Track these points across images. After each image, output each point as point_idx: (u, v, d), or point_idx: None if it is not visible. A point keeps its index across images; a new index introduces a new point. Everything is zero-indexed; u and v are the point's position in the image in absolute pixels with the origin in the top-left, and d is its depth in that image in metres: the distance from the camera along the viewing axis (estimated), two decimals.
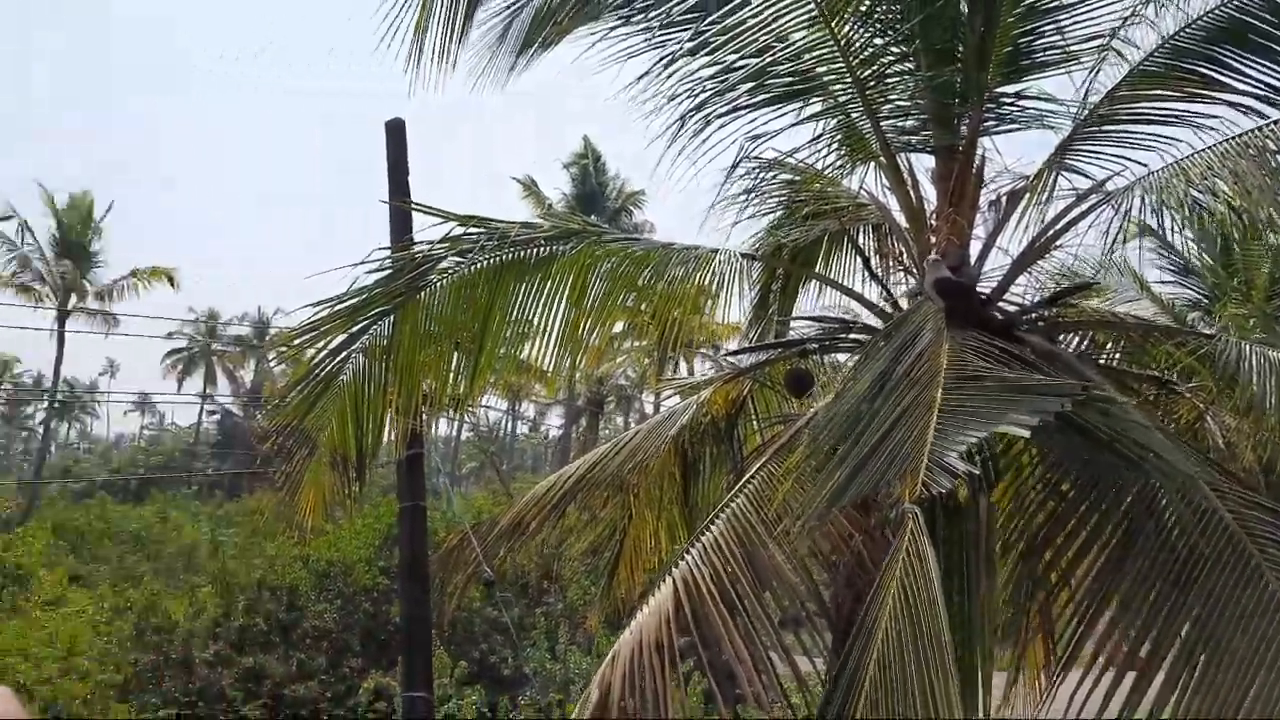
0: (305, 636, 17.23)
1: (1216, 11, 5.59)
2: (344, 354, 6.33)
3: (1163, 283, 13.91)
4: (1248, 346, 5.79)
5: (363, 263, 6.21)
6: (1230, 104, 5.42)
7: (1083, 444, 4.01)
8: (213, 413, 69.98)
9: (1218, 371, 5.65)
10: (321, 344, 6.30)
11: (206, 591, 18.52)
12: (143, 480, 51.77)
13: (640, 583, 7.67)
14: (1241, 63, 5.52)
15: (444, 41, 6.03)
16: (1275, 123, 4.93)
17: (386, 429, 6.70)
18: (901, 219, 5.81)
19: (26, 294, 45.14)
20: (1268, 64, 5.46)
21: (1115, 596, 4.08)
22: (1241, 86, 5.47)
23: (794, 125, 5.99)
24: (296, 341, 6.48)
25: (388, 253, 6.61)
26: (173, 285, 47.49)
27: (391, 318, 6.25)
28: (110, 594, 20.30)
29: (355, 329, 6.26)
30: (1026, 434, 3.34)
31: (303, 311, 6.18)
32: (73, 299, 46.66)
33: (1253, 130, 4.95)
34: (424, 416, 7.40)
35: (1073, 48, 5.57)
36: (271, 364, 66.61)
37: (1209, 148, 5.07)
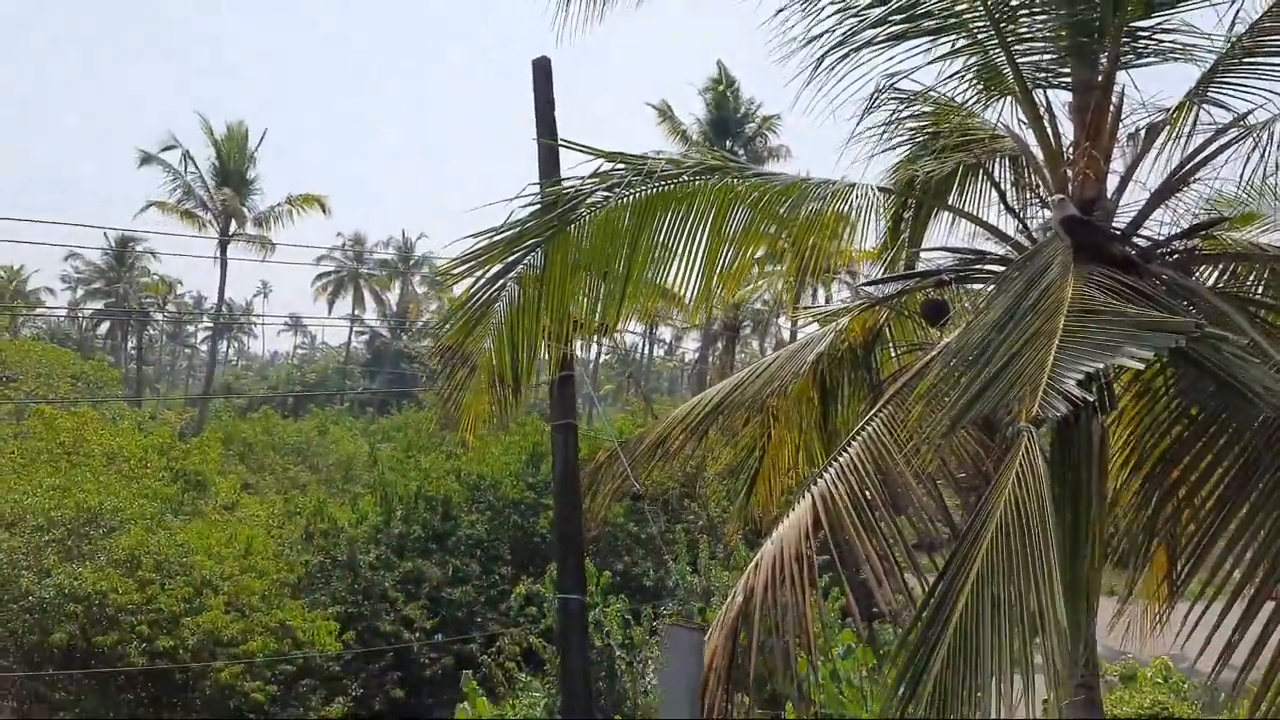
0: (459, 545, 18.40)
1: None
2: (501, 282, 6.82)
3: None
4: None
5: (518, 197, 6.69)
6: None
7: (1198, 376, 4.19)
8: (361, 333, 73.09)
9: None
10: (480, 273, 6.81)
11: (368, 499, 19.89)
12: (300, 396, 54.77)
13: (777, 500, 8.10)
14: None
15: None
16: None
17: (539, 352, 7.20)
18: (1038, 153, 5.92)
19: (191, 220, 47.97)
20: None
21: (1234, 520, 4.29)
22: None
23: (932, 63, 6.14)
24: (458, 270, 6.99)
25: (540, 189, 7.08)
26: (324, 211, 49.66)
27: (544, 249, 6.68)
28: (280, 500, 21.95)
29: (511, 259, 6.74)
30: (1140, 366, 3.56)
31: (461, 243, 6.71)
32: (232, 225, 49.31)
33: None
34: (574, 341, 7.91)
35: None
36: (418, 288, 69.06)
37: None
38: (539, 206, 6.75)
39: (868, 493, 4.63)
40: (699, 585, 14.54)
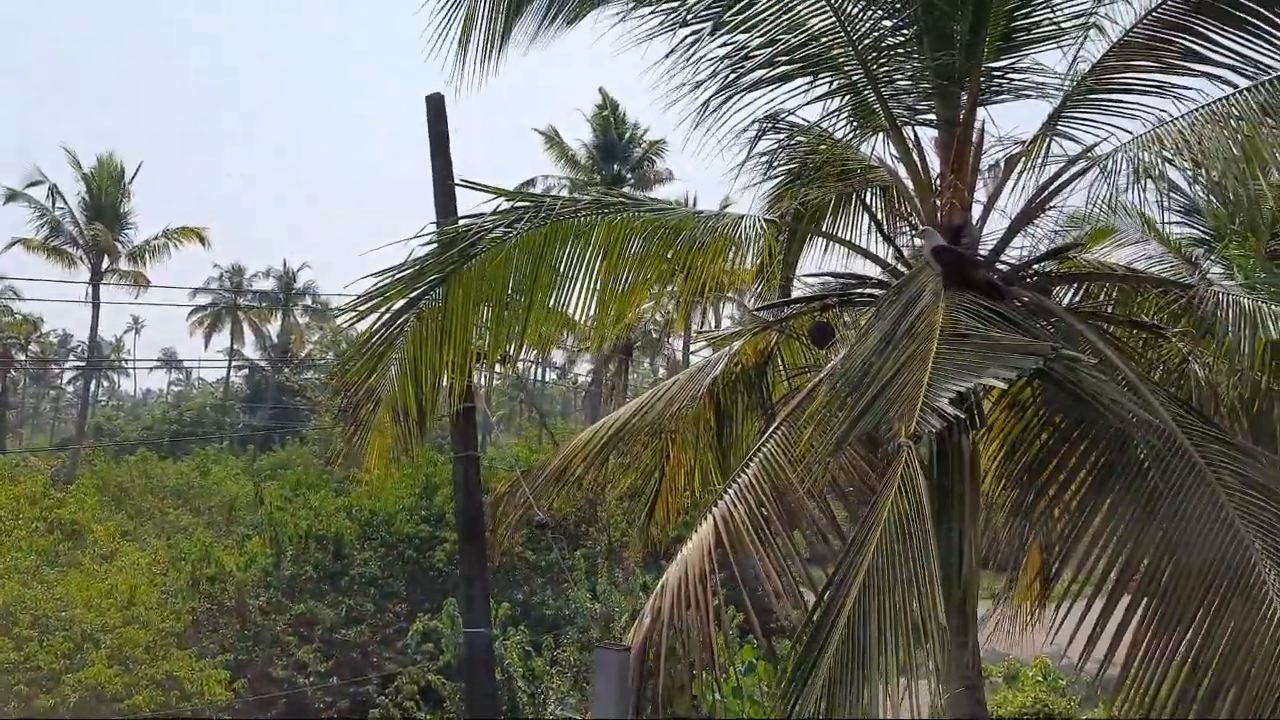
0: (353, 583, 18.09)
1: None
2: (403, 318, 6.93)
3: (1169, 223, 14.28)
4: (1225, 295, 6.33)
5: (417, 236, 6.84)
6: (1205, 74, 5.93)
7: (1057, 390, 4.62)
8: (241, 367, 70.87)
9: (1199, 318, 6.20)
10: (382, 310, 6.91)
11: (256, 541, 19.38)
12: (176, 436, 52.79)
13: (675, 522, 8.35)
14: (1217, 33, 5.99)
15: (486, 46, 6.53)
16: (1240, 91, 5.41)
17: (442, 385, 7.31)
18: (910, 184, 6.36)
19: (59, 257, 45.95)
20: (1240, 34, 5.94)
21: (1094, 522, 4.72)
22: (1215, 57, 5.97)
23: (811, 101, 6.56)
24: (361, 308, 7.06)
25: (438, 226, 7.22)
26: (203, 243, 48.24)
27: (444, 285, 6.82)
28: (162, 546, 21.16)
29: (413, 295, 6.86)
30: (1004, 386, 3.95)
31: (362, 282, 6.78)
32: (105, 261, 47.43)
33: (1219, 100, 5.43)
34: (475, 373, 8.03)
35: (1062, 24, 6.09)
36: (300, 319, 67.42)
37: (1182, 115, 5.57)
38: (437, 245, 6.89)
39: (765, 511, 4.91)
40: (599, 612, 14.68)
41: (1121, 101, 6.22)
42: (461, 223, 7.03)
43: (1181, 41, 6.06)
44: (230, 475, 36.08)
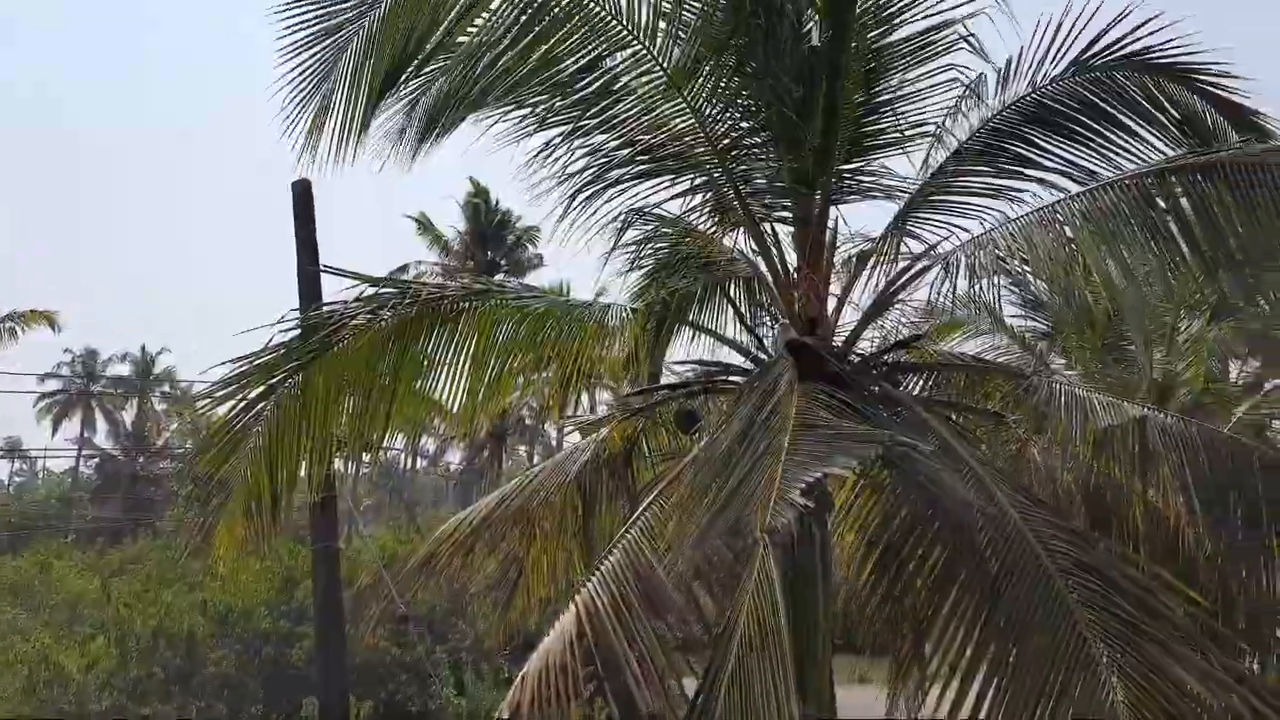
0: (205, 685, 17.16)
1: (1027, 98, 6.60)
2: (261, 406, 6.75)
3: (1016, 317, 15.18)
4: (1059, 384, 6.77)
5: (279, 322, 6.71)
6: (1037, 180, 6.43)
7: (904, 475, 4.84)
8: (91, 456, 67.37)
9: (1036, 406, 6.60)
10: (240, 397, 6.72)
11: (100, 642, 18.24)
12: (16, 530, 49.52)
13: (538, 612, 8.25)
14: (1047, 142, 6.54)
15: (341, 139, 6.57)
16: (1070, 197, 5.88)
17: (300, 474, 7.13)
18: (769, 276, 6.63)
19: None
20: (1068, 143, 6.49)
21: (945, 605, 4.91)
22: (1045, 163, 6.50)
23: (676, 198, 6.84)
24: (218, 394, 6.86)
25: (301, 312, 7.12)
26: (54, 328, 45.92)
27: (306, 371, 6.70)
28: None
29: (272, 382, 6.71)
30: (850, 475, 4.12)
31: (210, 368, 6.62)
32: None
33: (1048, 205, 5.89)
34: (336, 463, 7.85)
35: (905, 132, 6.53)
36: (158, 405, 64.63)
37: (1014, 219, 6.01)
38: (300, 331, 6.78)
39: (629, 600, 4.92)
40: (465, 708, 14.27)
41: (961, 204, 6.65)
42: (325, 309, 6.95)
43: (1015, 149, 6.56)
44: (74, 571, 33.98)
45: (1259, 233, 4.90)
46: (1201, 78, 6.42)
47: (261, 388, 6.70)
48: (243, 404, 6.71)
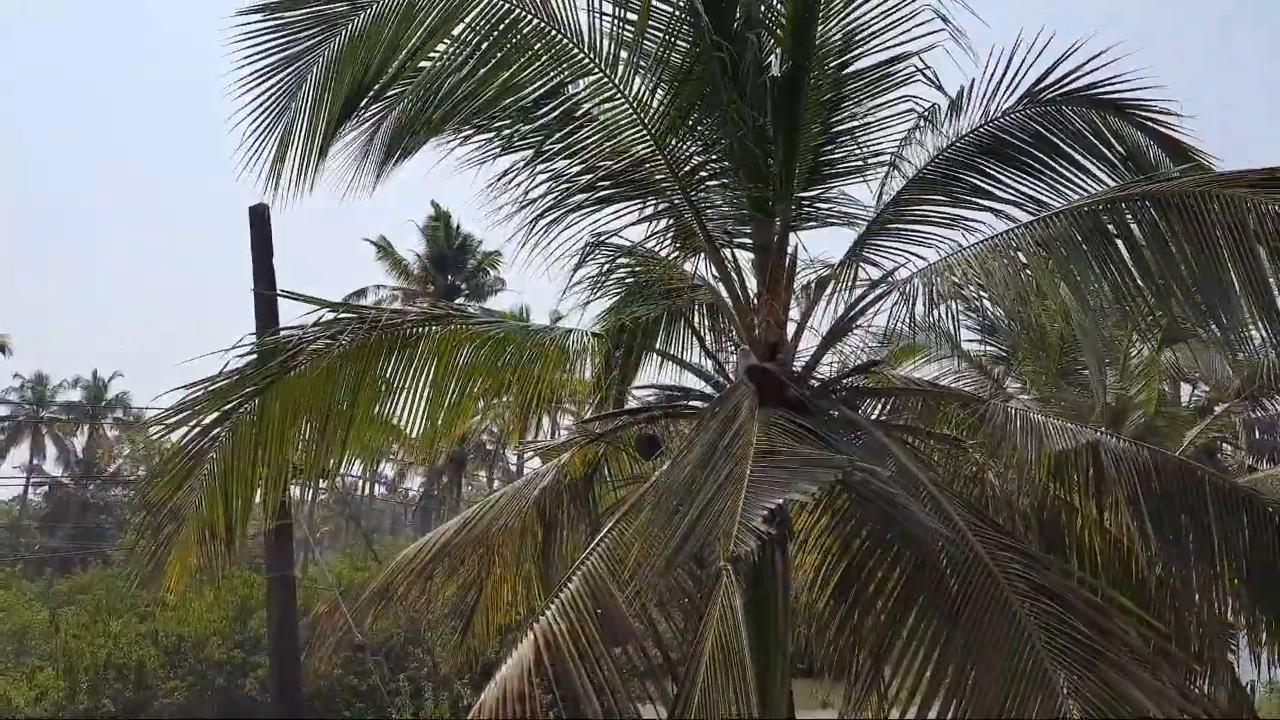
0: (156, 716, 16.82)
1: (980, 129, 6.75)
2: (215, 432, 6.66)
3: (972, 342, 15.40)
4: (1015, 409, 6.86)
5: (235, 347, 6.63)
6: (990, 209, 6.56)
7: (864, 499, 4.88)
8: (40, 484, 65.95)
9: (992, 431, 6.68)
10: (194, 423, 6.62)
11: (48, 673, 17.82)
12: None
13: (495, 639, 8.18)
14: (1000, 173, 6.68)
15: (302, 166, 6.54)
16: (1020, 226, 5.99)
17: (255, 501, 7.02)
18: (730, 303, 6.66)
19: None
20: (1020, 174, 6.65)
21: (904, 628, 4.94)
22: (998, 193, 6.64)
23: (637, 223, 6.90)
24: (170, 421, 6.75)
25: (257, 337, 7.04)
26: (3, 352, 45.15)
27: (262, 397, 6.62)
28: None
29: (227, 408, 6.62)
30: (809, 500, 4.15)
31: (164, 393, 6.52)
32: None
33: (1002, 233, 5.99)
34: (292, 490, 7.75)
35: (867, 159, 6.64)
36: (110, 432, 63.46)
37: (969, 247, 6.11)
38: (256, 356, 6.71)
39: (588, 628, 4.89)
40: None
41: (918, 231, 6.76)
42: (283, 333, 6.89)
43: (969, 179, 6.69)
44: (22, 601, 33.22)
45: (1208, 259, 5.00)
46: (1144, 114, 6.63)
47: (216, 413, 6.62)
48: (197, 429, 6.61)
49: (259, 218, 8.79)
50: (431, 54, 6.38)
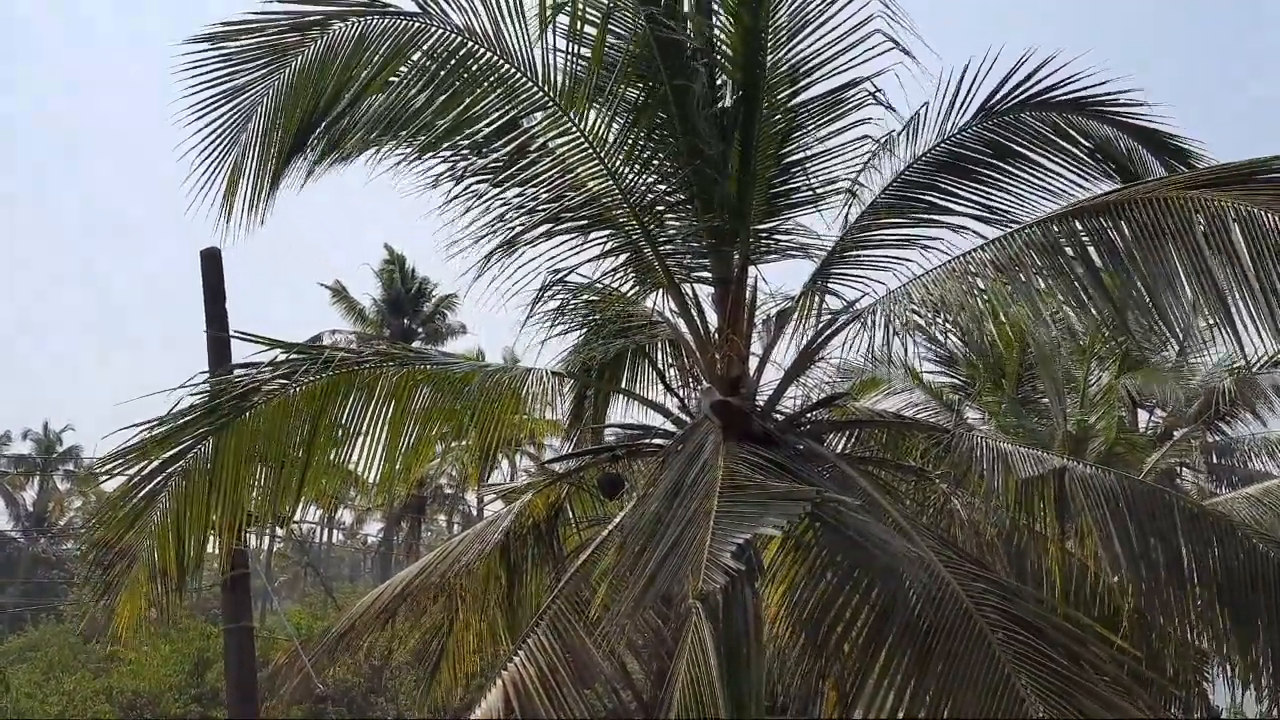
0: None
1: (937, 148, 6.72)
2: (166, 472, 6.46)
3: (930, 373, 15.47)
4: (980, 439, 6.81)
5: (184, 385, 6.45)
6: (951, 226, 6.54)
7: (833, 531, 4.79)
8: None
9: (958, 460, 6.62)
10: (142, 465, 6.42)
11: None
12: None
13: (463, 685, 7.97)
14: (960, 188, 6.67)
15: (252, 202, 6.44)
16: (979, 247, 5.93)
17: (209, 547, 6.81)
18: (690, 338, 6.59)
19: None
20: (980, 187, 6.63)
21: (877, 662, 4.83)
22: (957, 208, 6.62)
23: (594, 259, 6.82)
24: (116, 464, 6.54)
25: (210, 378, 6.86)
26: None
27: (214, 439, 6.44)
28: None
29: (178, 450, 6.43)
30: (778, 534, 4.06)
31: (112, 433, 6.31)
32: None
33: (959, 256, 5.94)
34: (247, 536, 7.53)
35: (818, 189, 6.61)
36: (61, 485, 62.04)
37: (927, 272, 6.06)
38: (208, 396, 6.53)
39: (557, 672, 4.76)
40: None
41: (877, 258, 6.71)
42: (236, 373, 6.72)
43: (927, 198, 6.68)
44: None
45: (1162, 268, 4.95)
46: (1105, 107, 6.60)
47: (167, 455, 6.42)
48: (146, 471, 6.41)
49: (211, 261, 8.61)
50: (385, 84, 6.31)
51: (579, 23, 6.07)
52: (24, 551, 57.29)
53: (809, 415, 6.64)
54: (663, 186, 6.61)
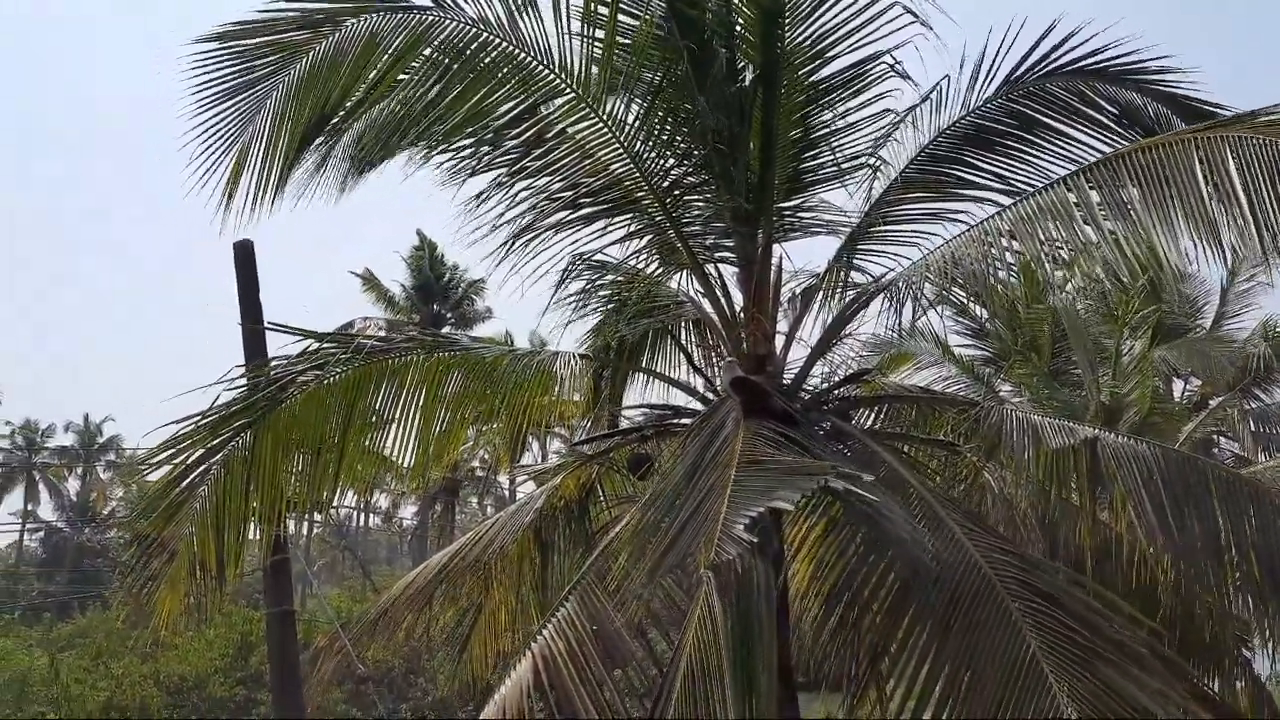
0: None
1: (962, 120, 6.66)
2: (205, 466, 6.60)
3: (962, 347, 15.39)
4: (1010, 410, 6.80)
5: (221, 380, 6.58)
6: (974, 199, 6.50)
7: (848, 509, 4.85)
8: (36, 529, 65.56)
9: (987, 433, 6.61)
10: (183, 459, 6.56)
11: (50, 719, 17.68)
12: None
13: (493, 664, 8.10)
14: (983, 160, 6.60)
15: (271, 194, 6.47)
16: (996, 213, 5.88)
17: (249, 536, 6.95)
18: (715, 318, 6.63)
19: None
20: (1002, 159, 6.56)
21: (899, 633, 4.90)
22: (982, 181, 6.55)
23: (618, 241, 6.86)
24: (160, 457, 6.69)
25: (246, 371, 7.00)
26: None
27: (253, 430, 6.57)
28: None
29: (217, 442, 6.57)
30: (791, 508, 4.14)
31: (162, 430, 6.46)
32: None
33: (979, 223, 5.90)
34: (287, 523, 7.68)
35: (842, 165, 6.59)
36: (103, 475, 63.16)
37: (948, 241, 6.04)
38: (245, 389, 6.66)
39: (585, 646, 4.86)
40: None
41: (902, 232, 6.70)
42: (272, 365, 6.85)
43: (953, 172, 6.62)
44: (22, 647, 32.96)
45: (1174, 224, 4.91)
46: (1133, 75, 6.49)
47: (206, 448, 6.56)
48: (187, 464, 6.56)
49: (243, 253, 8.76)
50: (399, 77, 6.36)
51: (593, 4, 6.08)
52: (70, 541, 58.47)
53: (836, 392, 6.66)
54: (684, 168, 6.63)
